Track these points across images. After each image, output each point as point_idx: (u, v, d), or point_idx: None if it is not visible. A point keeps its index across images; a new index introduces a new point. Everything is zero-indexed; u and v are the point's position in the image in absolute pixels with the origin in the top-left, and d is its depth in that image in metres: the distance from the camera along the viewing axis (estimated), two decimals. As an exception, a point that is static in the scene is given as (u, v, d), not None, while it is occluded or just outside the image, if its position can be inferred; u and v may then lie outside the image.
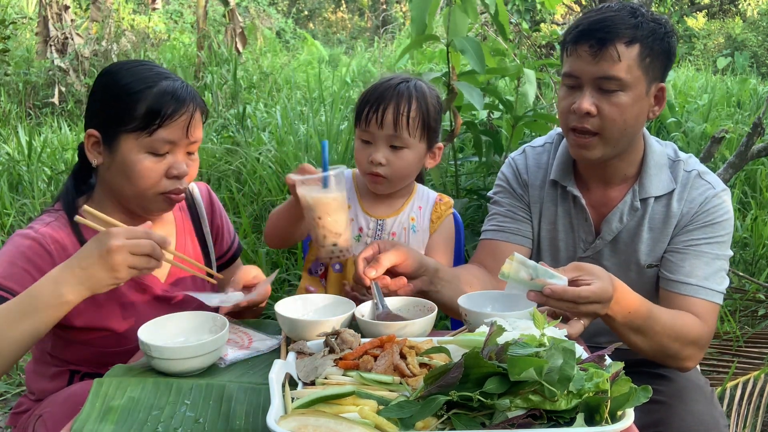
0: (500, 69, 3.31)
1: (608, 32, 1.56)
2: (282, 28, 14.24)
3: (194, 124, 1.55)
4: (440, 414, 1.03)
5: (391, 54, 10.18)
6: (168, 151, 1.53)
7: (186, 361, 1.29)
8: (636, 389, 1.04)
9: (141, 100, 1.50)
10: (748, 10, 15.95)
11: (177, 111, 1.51)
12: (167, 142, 1.52)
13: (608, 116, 1.59)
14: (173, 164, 1.54)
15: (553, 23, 9.42)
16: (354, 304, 1.49)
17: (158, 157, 1.53)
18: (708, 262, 1.66)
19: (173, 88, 1.52)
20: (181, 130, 1.52)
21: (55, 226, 1.55)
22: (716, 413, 1.62)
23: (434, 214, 1.92)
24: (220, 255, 1.85)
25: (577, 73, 1.61)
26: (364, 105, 1.77)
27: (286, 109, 5.94)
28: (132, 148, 1.51)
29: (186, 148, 1.56)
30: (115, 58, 8.09)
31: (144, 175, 1.52)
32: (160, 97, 1.50)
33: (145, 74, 1.54)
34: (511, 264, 1.40)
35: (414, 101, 1.74)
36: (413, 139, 1.76)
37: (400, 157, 1.77)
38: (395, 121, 1.73)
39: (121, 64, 1.60)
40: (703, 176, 1.72)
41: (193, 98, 1.55)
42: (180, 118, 1.52)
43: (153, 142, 1.50)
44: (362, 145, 1.79)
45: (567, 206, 1.80)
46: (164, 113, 1.50)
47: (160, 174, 1.53)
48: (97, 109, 1.56)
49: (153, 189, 1.54)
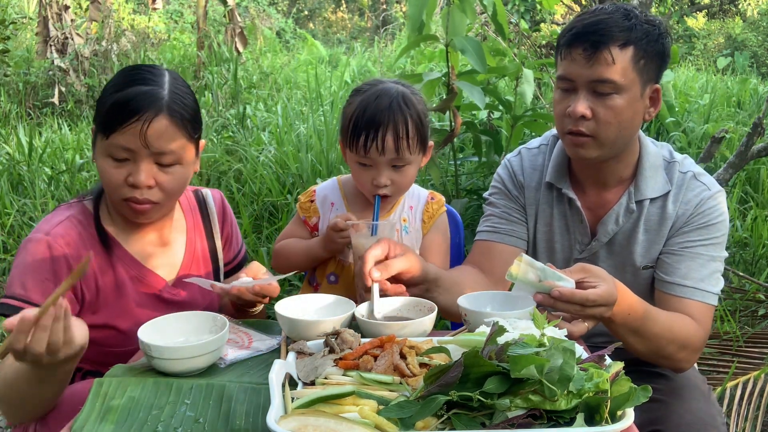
0: (499, 69, 3.31)
1: (602, 35, 1.56)
2: (282, 28, 14.24)
3: (153, 134, 1.48)
4: (440, 414, 1.04)
5: (391, 54, 10.18)
6: (128, 158, 1.50)
7: (186, 361, 1.29)
8: (636, 389, 1.04)
9: (105, 103, 1.51)
10: (748, 10, 15.94)
11: (128, 119, 1.47)
12: (123, 148, 1.49)
13: (603, 119, 1.59)
14: (131, 172, 1.51)
15: (553, 23, 9.43)
16: (354, 304, 1.49)
17: (118, 162, 1.51)
18: (703, 264, 1.66)
19: (135, 93, 1.48)
20: (135, 137, 1.48)
21: (66, 225, 1.57)
22: (714, 411, 1.62)
23: (426, 213, 1.93)
24: (227, 262, 1.86)
25: (572, 76, 1.61)
26: (358, 131, 1.73)
27: (286, 109, 5.94)
28: (100, 149, 1.53)
29: (152, 158, 1.51)
30: (115, 58, 8.09)
31: (106, 180, 1.53)
32: (114, 104, 1.49)
33: (124, 78, 1.54)
34: (519, 265, 1.40)
35: (409, 120, 1.74)
36: (413, 155, 1.78)
37: (404, 175, 1.79)
38: (396, 146, 1.73)
39: (123, 68, 1.63)
40: (698, 177, 1.72)
41: (158, 108, 1.49)
42: (130, 126, 1.47)
43: (109, 146, 1.50)
44: (362, 168, 1.79)
45: (562, 208, 1.80)
46: (114, 119, 1.48)
47: (120, 181, 1.51)
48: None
49: (116, 194, 1.54)
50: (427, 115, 1.81)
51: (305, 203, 1.93)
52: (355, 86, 1.88)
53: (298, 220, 1.95)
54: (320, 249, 1.85)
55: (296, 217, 1.96)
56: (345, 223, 1.75)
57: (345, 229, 1.76)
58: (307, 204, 1.93)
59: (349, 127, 1.75)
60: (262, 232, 4.15)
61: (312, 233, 1.93)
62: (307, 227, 1.93)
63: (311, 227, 1.92)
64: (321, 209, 1.92)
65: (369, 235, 1.71)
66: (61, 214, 1.59)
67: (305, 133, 5.15)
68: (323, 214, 1.91)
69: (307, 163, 4.50)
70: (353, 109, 1.76)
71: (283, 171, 4.62)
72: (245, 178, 4.60)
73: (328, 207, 1.92)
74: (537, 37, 6.93)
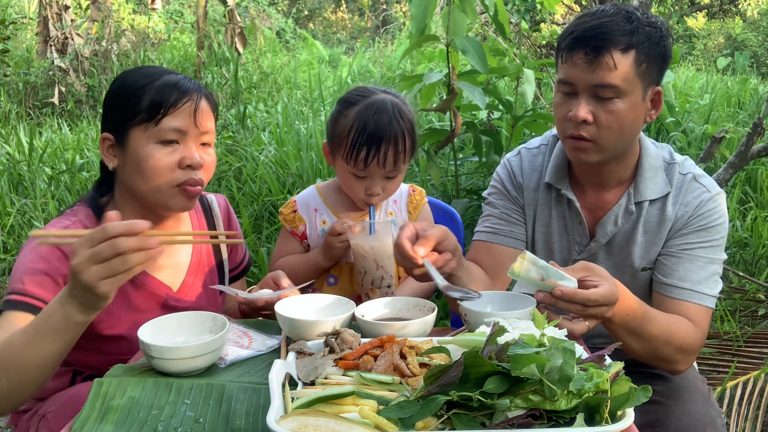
0: (500, 69, 3.31)
1: (604, 39, 1.54)
2: (282, 28, 14.24)
3: (201, 113, 1.56)
4: (440, 414, 1.03)
5: (391, 54, 10.18)
6: (177, 140, 1.54)
7: (186, 361, 1.29)
8: (636, 389, 1.03)
9: (146, 93, 1.53)
10: (748, 10, 15.95)
11: (180, 99, 1.53)
12: (175, 130, 1.53)
13: (604, 124, 1.58)
14: (185, 153, 1.54)
15: (553, 23, 9.43)
16: (354, 304, 1.50)
17: (168, 146, 1.53)
18: (702, 266, 1.65)
19: (176, 79, 1.56)
20: (187, 117, 1.54)
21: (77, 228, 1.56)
22: (713, 412, 1.62)
23: (410, 205, 1.99)
24: (233, 268, 1.87)
25: (573, 80, 1.60)
26: (358, 146, 1.76)
27: (286, 109, 5.94)
28: (141, 140, 1.53)
29: (198, 138, 1.57)
30: (115, 58, 8.10)
31: (156, 167, 1.52)
32: (163, 88, 1.53)
33: (149, 71, 1.59)
34: (521, 263, 1.39)
35: (406, 133, 1.79)
36: (406, 164, 1.85)
37: (395, 183, 1.86)
38: (395, 160, 1.79)
39: (129, 69, 1.65)
40: (698, 179, 1.71)
41: (198, 89, 1.58)
42: (184, 106, 1.53)
43: (160, 131, 1.52)
44: (356, 179, 1.82)
45: (561, 209, 1.80)
46: (168, 101, 1.52)
47: (173, 165, 1.53)
48: (108, 113, 1.59)
49: (167, 182, 1.54)
50: (416, 122, 1.87)
51: (288, 215, 1.96)
52: (342, 95, 1.90)
53: (286, 233, 1.98)
54: (321, 258, 1.88)
55: (284, 232, 1.99)
56: (343, 227, 1.79)
57: (343, 232, 1.79)
58: (291, 215, 1.96)
59: (346, 141, 1.78)
60: (262, 232, 4.15)
61: (302, 242, 1.96)
62: (296, 237, 1.96)
63: (299, 236, 1.95)
64: (305, 216, 1.95)
65: (367, 236, 1.74)
66: (67, 219, 1.59)
67: (305, 133, 5.15)
68: (308, 220, 1.95)
69: (307, 162, 4.50)
70: (350, 123, 1.78)
71: (283, 171, 4.63)
72: (245, 178, 4.61)
73: (312, 213, 1.95)
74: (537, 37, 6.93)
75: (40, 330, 1.27)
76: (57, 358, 1.31)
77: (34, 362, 1.29)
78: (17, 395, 1.34)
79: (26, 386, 1.33)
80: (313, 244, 1.94)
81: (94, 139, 5.97)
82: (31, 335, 1.28)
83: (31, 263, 1.48)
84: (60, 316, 1.25)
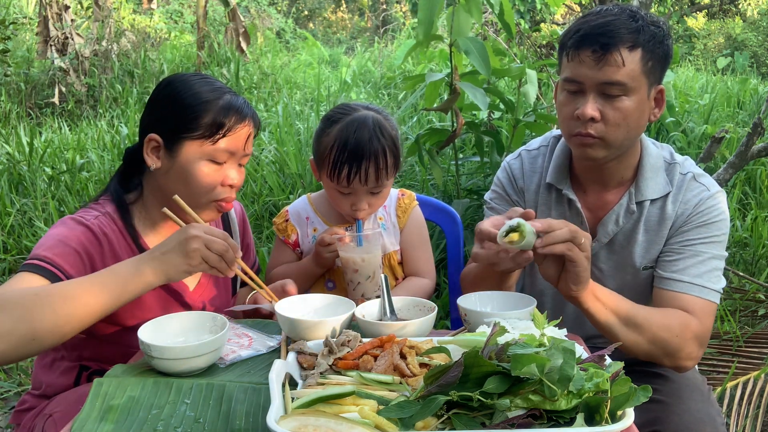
0: (504, 70, 3.30)
1: (611, 37, 1.54)
2: (282, 28, 14.25)
3: (251, 139, 1.65)
4: (440, 414, 1.04)
5: (391, 54, 10.17)
6: (225, 161, 1.60)
7: (186, 361, 1.29)
8: (636, 389, 1.03)
9: (208, 110, 1.57)
10: (748, 10, 15.95)
11: (239, 123, 1.59)
12: (227, 152, 1.59)
13: (612, 121, 1.59)
14: (229, 174, 1.61)
15: (553, 23, 9.43)
16: (354, 304, 1.50)
17: (217, 165, 1.60)
18: (703, 261, 1.65)
19: (238, 103, 1.61)
20: (240, 142, 1.61)
21: (103, 221, 1.59)
22: (713, 411, 1.62)
23: (399, 209, 2.00)
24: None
25: (580, 78, 1.59)
26: (340, 165, 1.77)
27: (286, 108, 5.94)
28: (194, 153, 1.57)
29: (240, 159, 1.64)
30: (115, 58, 8.09)
31: (202, 181, 1.58)
32: (227, 110, 1.58)
33: (212, 86, 1.62)
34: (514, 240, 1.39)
35: (387, 150, 1.80)
36: (390, 179, 1.86)
37: (381, 197, 1.88)
38: (377, 177, 1.80)
39: (185, 76, 1.66)
40: (698, 179, 1.72)
41: (253, 114, 1.65)
42: (241, 131, 1.60)
43: (215, 151, 1.58)
44: (341, 195, 1.84)
45: (562, 209, 1.80)
46: (229, 125, 1.58)
47: (217, 181, 1.60)
48: (161, 116, 1.60)
49: (207, 195, 1.60)
50: (399, 137, 1.88)
51: (281, 224, 1.99)
52: (326, 113, 1.92)
53: (280, 243, 2.00)
54: (313, 266, 1.90)
55: (277, 242, 2.02)
56: (331, 237, 1.81)
57: (332, 243, 1.81)
58: (283, 224, 1.99)
59: (329, 159, 1.80)
60: (263, 232, 4.16)
61: (294, 250, 1.98)
62: (288, 246, 1.99)
63: (292, 245, 1.98)
64: (297, 225, 1.98)
65: (355, 248, 1.76)
66: (96, 210, 1.60)
67: (305, 133, 5.16)
68: (300, 229, 1.98)
69: (307, 162, 4.51)
70: (332, 141, 1.80)
71: (284, 171, 4.63)
72: (246, 178, 4.61)
73: (304, 222, 1.98)
74: (537, 37, 6.93)
75: (105, 281, 1.37)
76: (108, 310, 1.38)
77: (91, 308, 1.35)
78: (58, 332, 1.33)
79: (71, 325, 1.34)
80: (306, 252, 1.97)
81: (95, 138, 5.96)
82: (96, 285, 1.36)
83: (60, 236, 1.50)
84: (131, 272, 1.38)
